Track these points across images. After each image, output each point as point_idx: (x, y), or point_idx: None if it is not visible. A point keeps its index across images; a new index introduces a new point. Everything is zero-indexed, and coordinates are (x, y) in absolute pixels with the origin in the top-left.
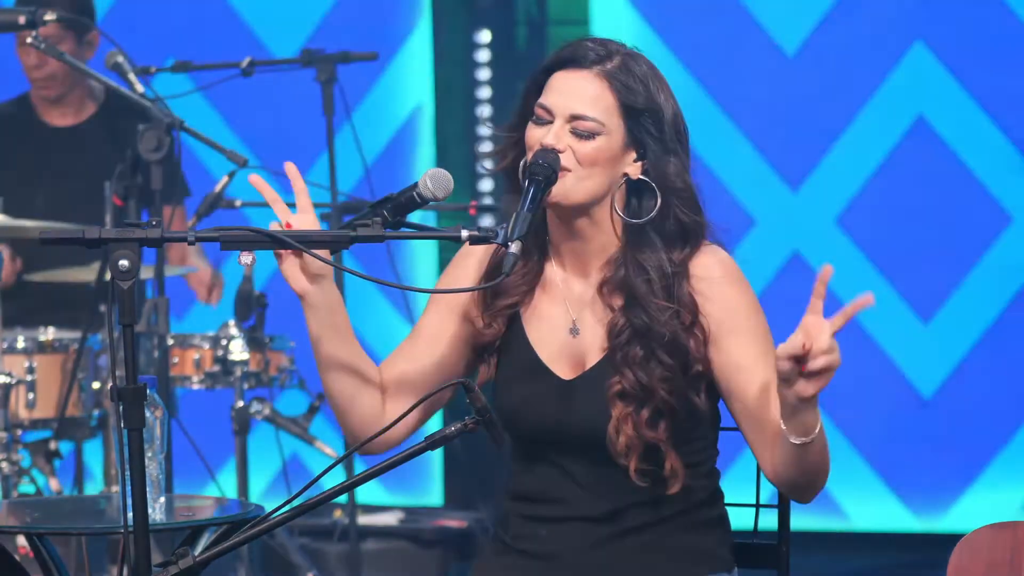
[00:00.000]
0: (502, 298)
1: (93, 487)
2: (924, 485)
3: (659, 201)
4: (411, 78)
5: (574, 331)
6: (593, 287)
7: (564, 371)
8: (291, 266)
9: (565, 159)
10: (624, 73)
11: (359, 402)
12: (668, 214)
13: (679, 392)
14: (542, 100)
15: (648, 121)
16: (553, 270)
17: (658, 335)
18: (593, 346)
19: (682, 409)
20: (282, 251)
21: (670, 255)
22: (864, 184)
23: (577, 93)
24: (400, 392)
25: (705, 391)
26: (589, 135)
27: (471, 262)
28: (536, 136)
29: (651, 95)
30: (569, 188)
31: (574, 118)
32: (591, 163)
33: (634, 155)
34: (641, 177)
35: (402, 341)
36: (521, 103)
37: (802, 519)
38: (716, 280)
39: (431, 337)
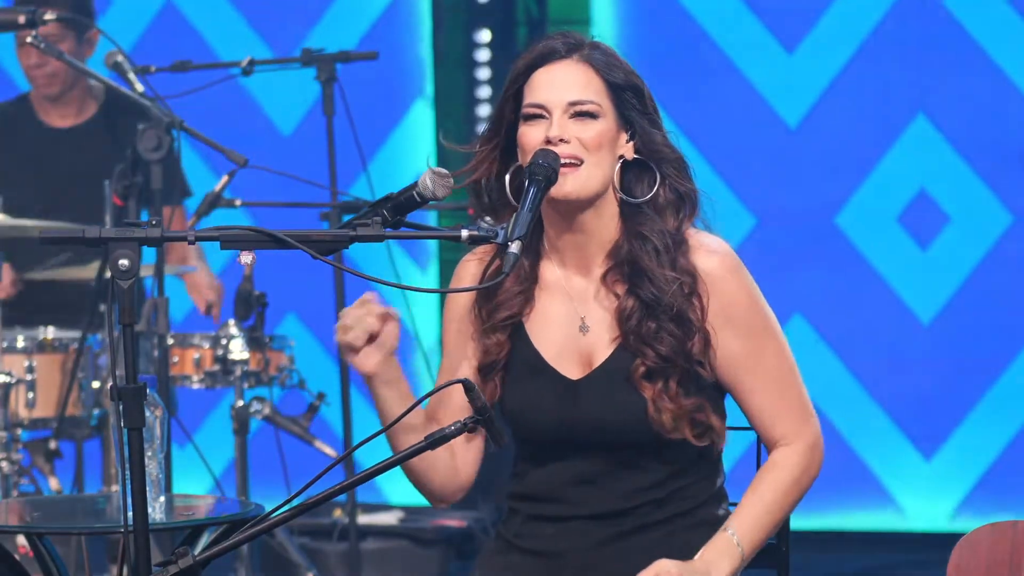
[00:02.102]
0: (500, 311)
1: (93, 487)
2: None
3: (657, 176)
4: (411, 78)
5: (584, 328)
6: (596, 281)
7: (571, 371)
8: (354, 355)
9: (573, 149)
10: (601, 54)
11: (432, 460)
12: (663, 186)
13: (689, 361)
14: (531, 100)
15: (631, 97)
16: (552, 269)
17: (666, 306)
18: (602, 340)
19: (695, 378)
20: (346, 343)
21: (666, 226)
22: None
23: (567, 82)
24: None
25: (710, 367)
26: (591, 116)
27: (468, 270)
28: (534, 135)
29: (628, 73)
30: (585, 179)
31: (572, 104)
32: (598, 147)
33: (626, 136)
34: (636, 156)
35: (437, 378)
36: (497, 113)
37: (803, 519)
38: (718, 274)
39: (457, 367)
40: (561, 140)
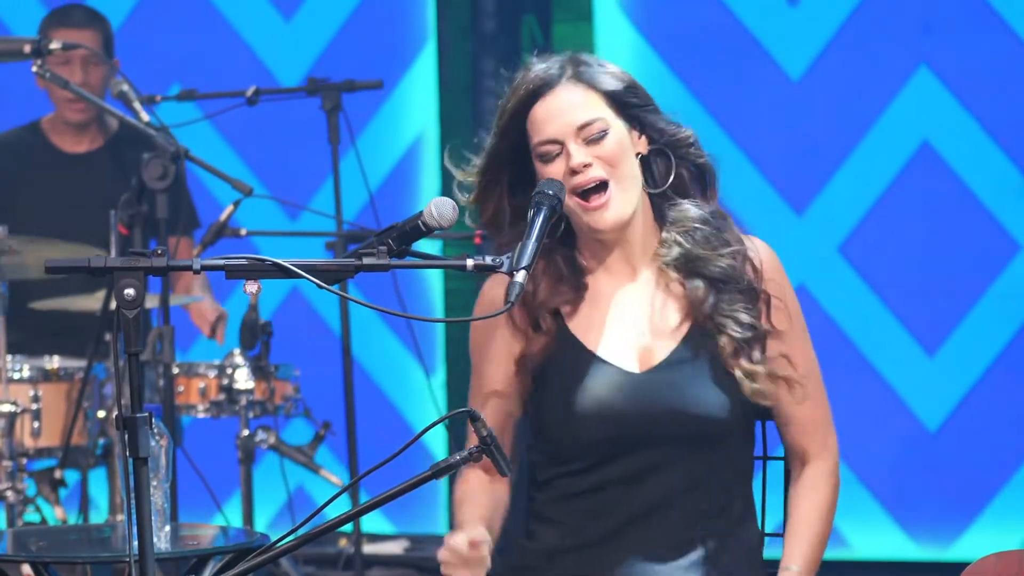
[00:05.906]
0: (542, 308)
1: (98, 516)
2: (931, 515)
3: (673, 161)
4: (416, 106)
5: (634, 326)
6: (648, 283)
7: (631, 366)
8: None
9: (598, 171)
10: (586, 68)
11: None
12: (682, 167)
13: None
14: (541, 137)
15: (630, 96)
16: (594, 277)
17: (736, 278)
18: (662, 335)
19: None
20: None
21: (698, 200)
22: (868, 212)
23: (567, 107)
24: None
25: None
26: (601, 135)
27: (494, 297)
28: (555, 172)
29: (615, 74)
30: (618, 202)
31: (581, 128)
32: (619, 159)
33: (636, 133)
34: (652, 148)
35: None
36: (494, 150)
37: None
38: (766, 268)
39: (500, 395)
40: (585, 166)
